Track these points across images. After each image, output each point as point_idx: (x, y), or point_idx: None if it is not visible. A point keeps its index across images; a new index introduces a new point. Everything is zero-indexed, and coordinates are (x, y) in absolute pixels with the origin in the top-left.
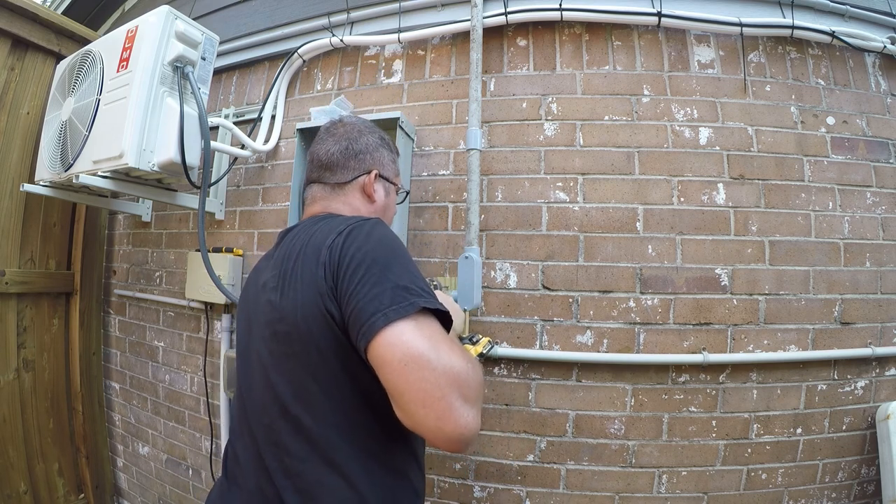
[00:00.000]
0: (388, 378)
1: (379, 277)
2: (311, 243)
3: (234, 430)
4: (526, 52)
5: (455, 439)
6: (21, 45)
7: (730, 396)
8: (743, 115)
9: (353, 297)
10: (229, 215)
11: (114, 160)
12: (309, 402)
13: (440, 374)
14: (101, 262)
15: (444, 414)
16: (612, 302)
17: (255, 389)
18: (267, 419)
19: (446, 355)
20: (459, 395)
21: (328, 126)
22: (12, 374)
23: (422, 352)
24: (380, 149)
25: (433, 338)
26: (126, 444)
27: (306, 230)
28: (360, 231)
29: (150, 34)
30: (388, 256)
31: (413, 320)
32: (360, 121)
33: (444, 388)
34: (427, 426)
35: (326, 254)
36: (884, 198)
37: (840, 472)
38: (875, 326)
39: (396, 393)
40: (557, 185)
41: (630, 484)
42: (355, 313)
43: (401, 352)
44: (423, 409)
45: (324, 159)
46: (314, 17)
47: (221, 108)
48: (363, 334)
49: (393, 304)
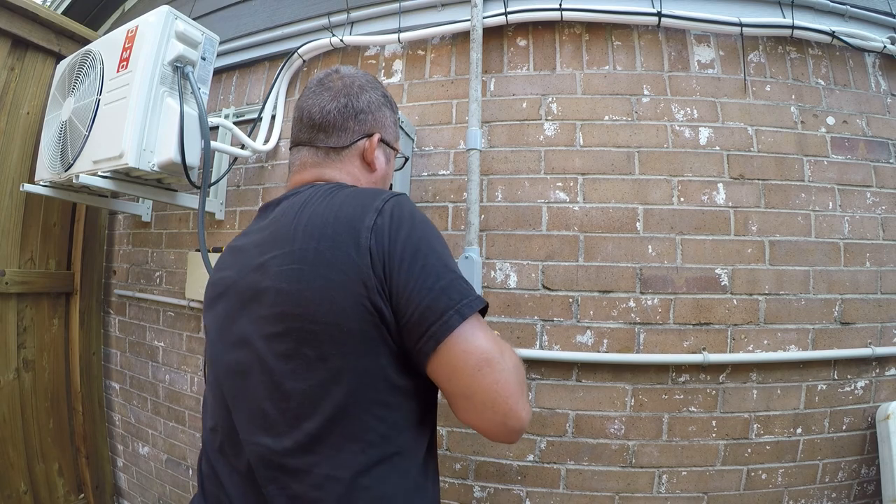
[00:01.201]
0: (459, 381)
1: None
2: (342, 219)
3: (213, 446)
4: (526, 52)
5: (517, 431)
6: (21, 45)
7: (730, 396)
8: (743, 115)
9: (417, 292)
10: (229, 215)
11: (114, 160)
12: (334, 415)
13: (508, 374)
14: (101, 262)
15: (510, 410)
16: (612, 302)
17: (252, 399)
18: (265, 438)
19: (507, 353)
20: (520, 392)
21: (322, 77)
22: (12, 374)
23: (493, 355)
24: (382, 108)
25: (494, 336)
26: (126, 444)
27: (321, 202)
28: (402, 211)
29: (150, 34)
30: (439, 242)
31: (478, 318)
32: (360, 73)
33: (512, 387)
34: (493, 423)
35: (370, 237)
36: (884, 198)
37: (840, 472)
38: (875, 326)
39: (464, 396)
40: (557, 185)
41: (630, 484)
42: (422, 310)
43: (476, 357)
44: (491, 408)
45: (317, 118)
46: (314, 17)
47: (221, 108)
48: (433, 334)
49: (463, 297)
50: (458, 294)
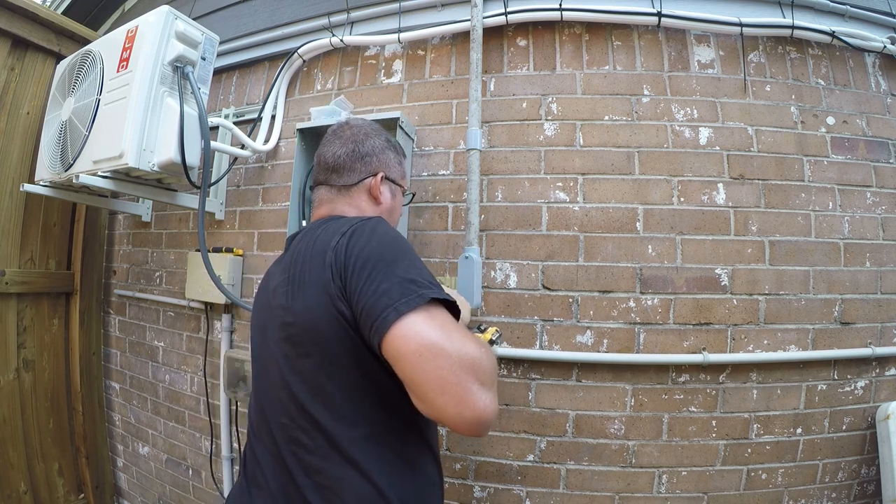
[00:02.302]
0: (404, 370)
1: (386, 273)
2: (317, 246)
3: (252, 432)
4: (526, 52)
5: (475, 423)
6: (21, 45)
7: (730, 396)
8: (743, 115)
9: (362, 295)
10: (229, 215)
11: (114, 160)
12: (325, 401)
13: (455, 360)
14: (101, 262)
15: (463, 399)
16: (612, 302)
17: (273, 391)
18: (285, 419)
19: (459, 342)
20: (475, 379)
21: (335, 128)
22: (12, 374)
23: (435, 340)
24: (386, 151)
25: (445, 326)
26: (126, 444)
27: (311, 234)
28: (362, 230)
29: (150, 34)
30: (392, 252)
31: (424, 311)
32: (367, 123)
33: (461, 374)
34: (447, 413)
35: (332, 255)
36: (884, 198)
37: (840, 472)
38: (875, 326)
39: (414, 384)
40: (557, 185)
41: (630, 484)
42: (366, 310)
43: (415, 343)
44: (441, 396)
45: (330, 162)
46: (314, 17)
47: (221, 108)
48: (376, 330)
49: (402, 297)
50: (399, 294)
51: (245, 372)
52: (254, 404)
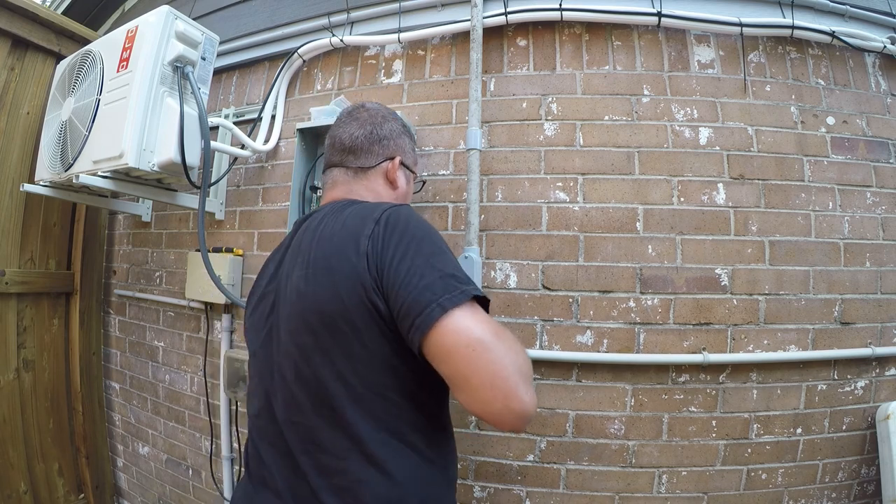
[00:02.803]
0: (452, 365)
1: (426, 267)
2: (346, 230)
3: (257, 430)
4: (526, 52)
5: (521, 416)
6: (21, 45)
7: (730, 396)
8: (743, 115)
9: (402, 290)
10: (229, 215)
11: (114, 160)
12: (348, 396)
13: (504, 355)
14: (101, 262)
15: (511, 393)
16: (612, 302)
17: (284, 387)
18: (299, 416)
19: (505, 339)
20: (521, 374)
21: (350, 110)
22: (12, 374)
23: (485, 335)
24: (402, 136)
25: (490, 323)
26: (126, 444)
27: (334, 216)
28: (397, 219)
29: (150, 34)
30: (430, 245)
31: (469, 307)
32: (382, 107)
33: (509, 369)
34: (495, 407)
35: (367, 244)
36: (884, 198)
37: (840, 472)
38: (875, 326)
39: (462, 378)
40: (557, 185)
41: (630, 484)
42: (407, 305)
43: (466, 338)
44: (490, 391)
45: (347, 143)
46: (314, 17)
47: (221, 108)
48: (418, 326)
49: (446, 292)
50: (442, 289)
51: (245, 372)
52: (258, 402)
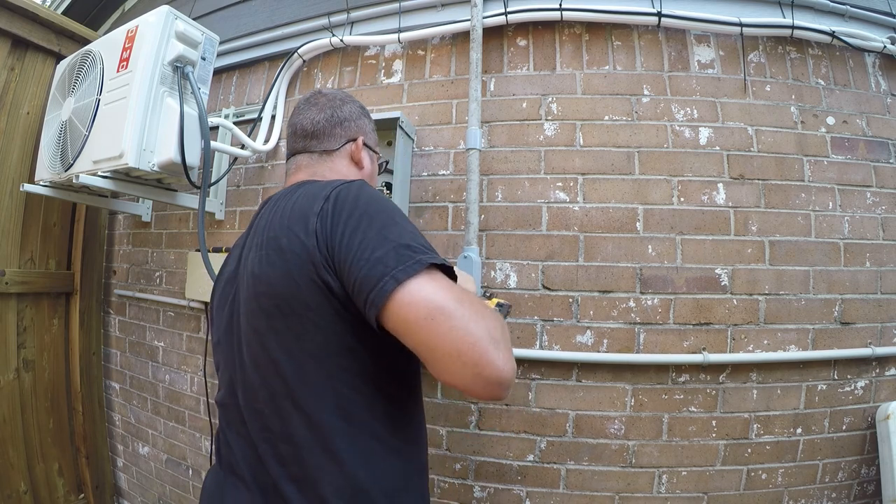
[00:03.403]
0: (414, 337)
1: (378, 240)
2: (296, 209)
3: (224, 417)
4: (526, 52)
5: (495, 382)
6: (21, 45)
7: (730, 396)
8: (743, 115)
9: (354, 265)
10: (229, 215)
11: (114, 160)
12: (303, 382)
13: (468, 319)
14: (101, 262)
15: (481, 358)
16: (612, 302)
17: (245, 372)
18: (258, 404)
19: (467, 302)
20: (490, 337)
21: (307, 97)
22: (12, 374)
23: (445, 302)
24: (362, 117)
25: (450, 289)
26: (126, 444)
27: (287, 197)
28: (347, 194)
29: (150, 34)
30: (382, 217)
31: (426, 275)
32: (339, 91)
33: (476, 333)
34: (465, 375)
35: (317, 222)
36: (884, 198)
37: (840, 472)
38: (875, 326)
39: (427, 349)
40: (557, 185)
41: (630, 484)
42: (360, 281)
43: (424, 307)
44: (458, 358)
45: (308, 128)
46: (314, 17)
47: (221, 108)
48: (372, 301)
49: (399, 264)
50: (395, 261)
51: None
52: (224, 389)
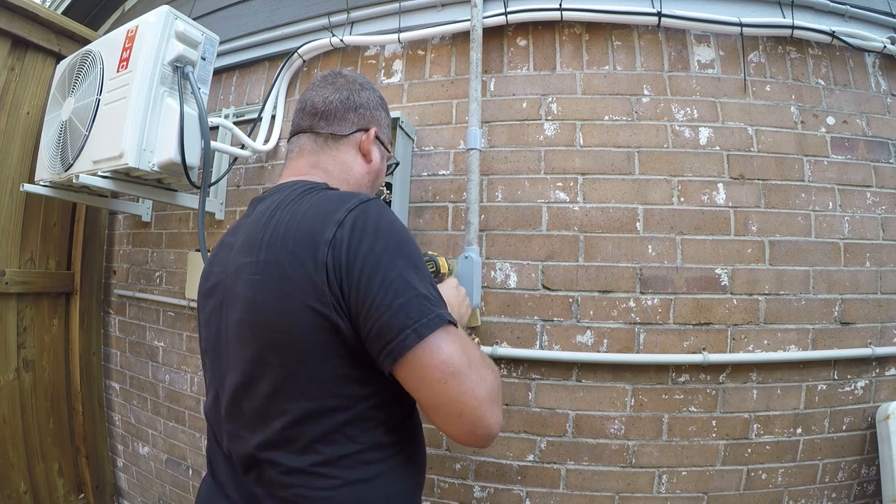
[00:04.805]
0: (424, 393)
1: (400, 284)
2: (302, 229)
3: (209, 428)
4: (526, 52)
5: (486, 437)
6: (21, 45)
7: (730, 396)
8: (743, 115)
9: (374, 311)
10: (229, 215)
11: (114, 160)
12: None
13: (476, 385)
14: (101, 262)
15: (479, 420)
16: (612, 302)
17: (230, 396)
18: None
19: (477, 366)
20: (491, 400)
21: (326, 75)
22: (12, 374)
23: (459, 368)
24: (379, 108)
25: (465, 349)
26: (126, 444)
27: (288, 205)
28: (365, 222)
29: (150, 34)
30: (404, 255)
31: (443, 332)
32: (360, 75)
33: (480, 398)
34: (462, 430)
35: (328, 253)
36: (884, 198)
37: (840, 472)
38: (875, 326)
39: (432, 406)
40: (557, 185)
41: (630, 484)
42: (379, 327)
43: (440, 371)
44: (459, 417)
45: (320, 107)
46: (314, 17)
47: (221, 108)
48: (390, 352)
49: (421, 317)
50: (417, 313)
51: None
52: (209, 401)
